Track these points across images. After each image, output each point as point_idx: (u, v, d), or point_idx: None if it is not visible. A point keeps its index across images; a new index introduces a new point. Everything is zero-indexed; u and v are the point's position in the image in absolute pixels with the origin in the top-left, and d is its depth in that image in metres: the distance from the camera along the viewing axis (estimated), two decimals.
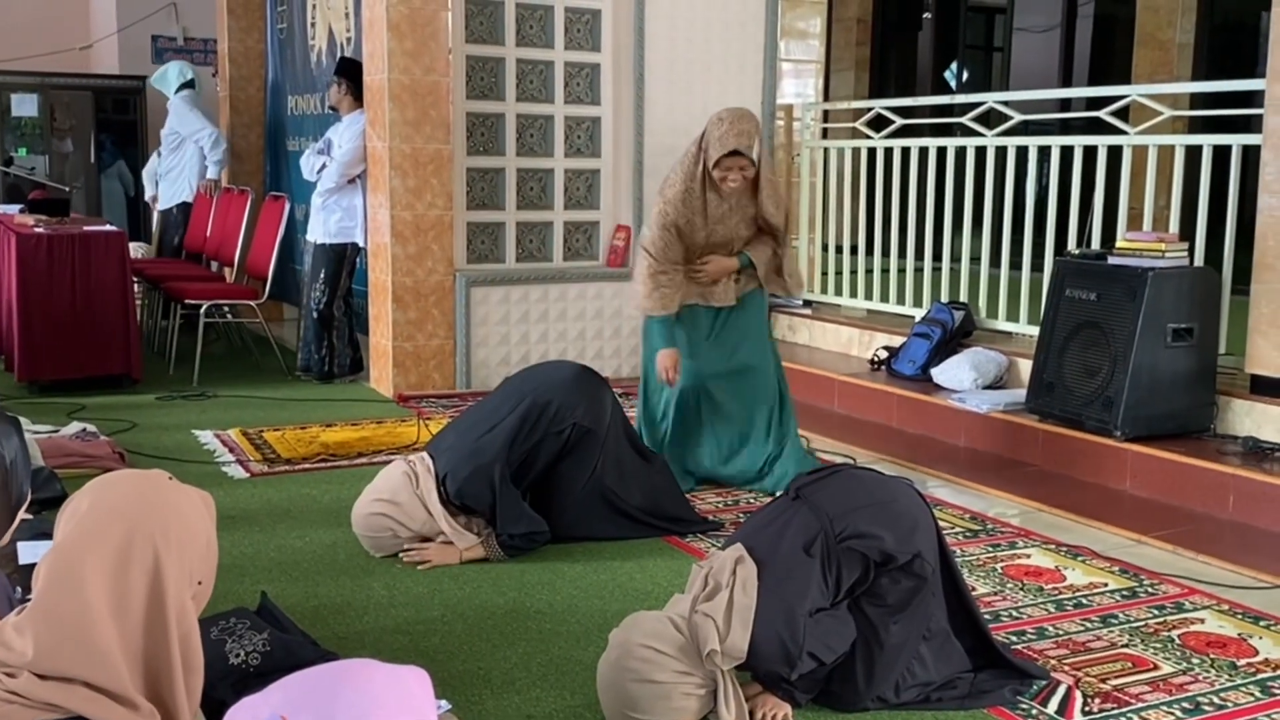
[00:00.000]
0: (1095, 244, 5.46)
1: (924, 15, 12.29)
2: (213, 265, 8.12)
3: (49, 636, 1.83)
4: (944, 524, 3.89)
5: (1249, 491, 4.21)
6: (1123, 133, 5.40)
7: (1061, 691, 2.86)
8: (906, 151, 6.54)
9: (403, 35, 6.00)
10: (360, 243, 6.50)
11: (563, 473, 3.89)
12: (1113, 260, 4.81)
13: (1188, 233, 5.03)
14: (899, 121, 6.69)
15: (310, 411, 5.83)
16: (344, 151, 6.41)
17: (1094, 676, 2.96)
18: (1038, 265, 5.73)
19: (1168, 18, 9.77)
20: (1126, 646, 3.16)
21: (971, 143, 6.14)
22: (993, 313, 6.11)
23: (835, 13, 11.39)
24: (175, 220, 8.68)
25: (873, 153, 6.82)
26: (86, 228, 6.40)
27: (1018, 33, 11.40)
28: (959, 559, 3.43)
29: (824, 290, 7.17)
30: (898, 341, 6.15)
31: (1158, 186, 5.38)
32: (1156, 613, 3.41)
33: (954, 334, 5.88)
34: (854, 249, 7.17)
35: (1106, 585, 3.62)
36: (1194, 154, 5.11)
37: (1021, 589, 3.59)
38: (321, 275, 6.47)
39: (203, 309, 6.64)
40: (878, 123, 6.87)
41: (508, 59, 6.43)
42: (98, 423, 5.23)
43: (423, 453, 3.85)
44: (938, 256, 6.45)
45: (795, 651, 2.55)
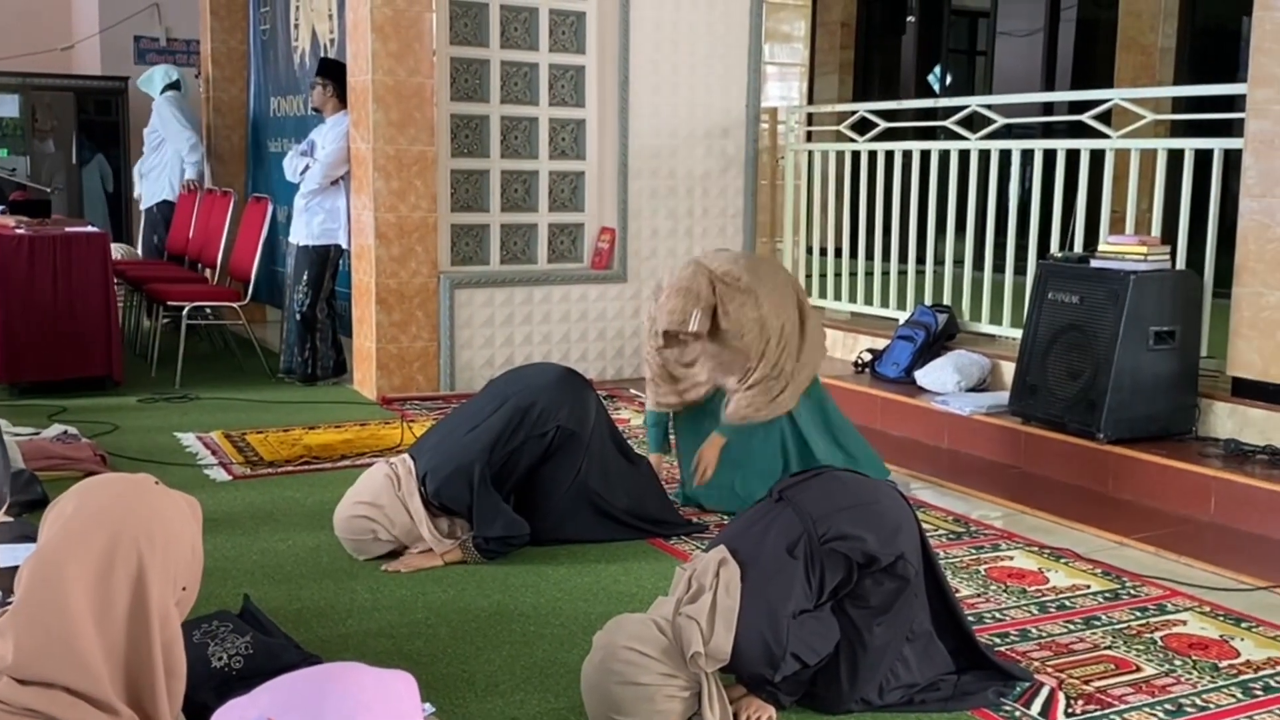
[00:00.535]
0: (1078, 247, 5.49)
1: (908, 19, 12.32)
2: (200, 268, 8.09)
3: (30, 641, 1.82)
4: (927, 526, 3.90)
5: (1231, 494, 4.23)
6: (1105, 136, 5.42)
7: (1044, 693, 2.87)
8: (890, 155, 6.56)
9: (387, 37, 5.98)
10: (343, 244, 6.49)
11: (546, 475, 3.89)
12: (1095, 263, 4.83)
13: (1170, 236, 5.05)
14: (883, 125, 6.70)
15: (293, 414, 5.81)
16: (327, 153, 6.39)
17: (1077, 678, 2.97)
18: (1021, 268, 5.76)
19: (1150, 22, 9.83)
20: (1109, 648, 3.17)
21: (955, 146, 6.16)
22: (976, 315, 6.13)
23: (819, 16, 11.42)
24: (156, 219, 8.71)
25: (857, 156, 6.84)
26: (68, 229, 6.36)
27: (1001, 37, 11.44)
28: (942, 561, 3.44)
29: (808, 293, 7.16)
30: (882, 344, 6.16)
31: (1140, 190, 5.41)
32: (1139, 615, 3.42)
33: (937, 337, 5.90)
34: (838, 252, 7.19)
35: (1089, 587, 3.64)
36: (1176, 158, 5.14)
37: (1004, 591, 3.60)
38: (304, 277, 6.45)
39: (185, 311, 6.61)
40: (861, 126, 6.88)
41: (492, 61, 6.42)
42: (79, 425, 5.20)
43: (404, 454, 3.85)
44: (921, 259, 6.47)
45: (779, 653, 2.55)
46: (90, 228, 6.58)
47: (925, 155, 6.37)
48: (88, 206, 11.97)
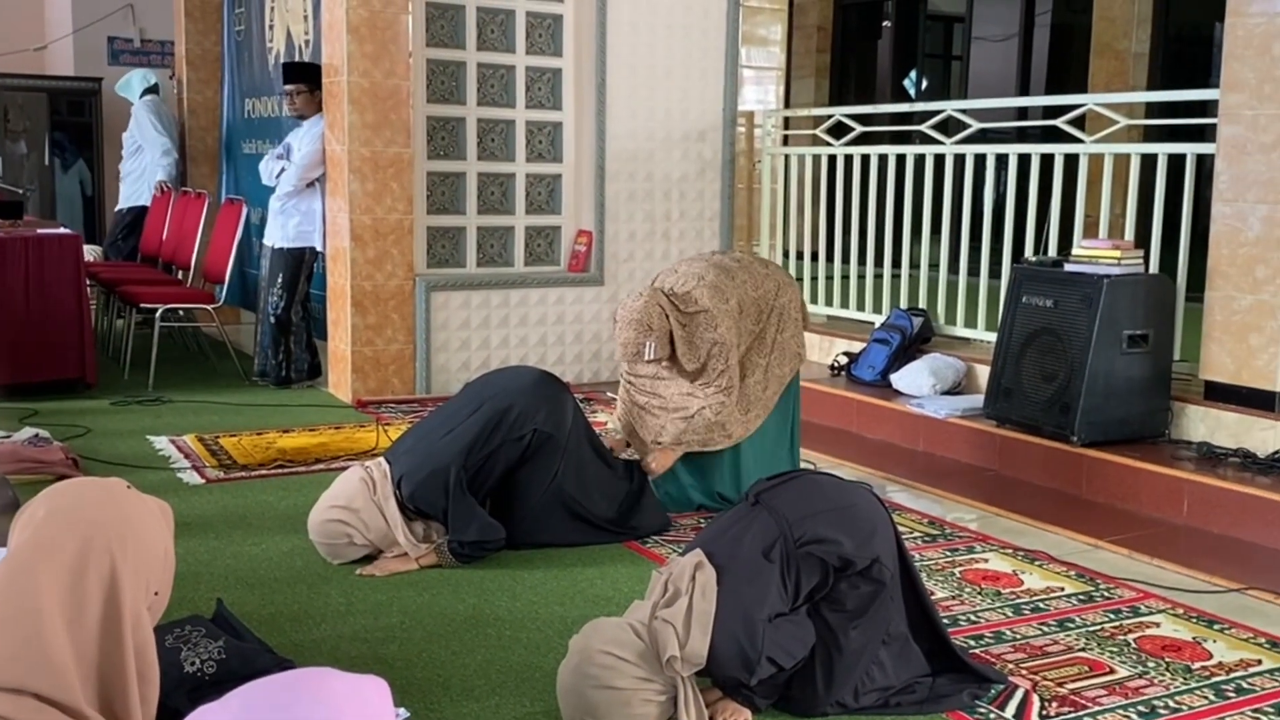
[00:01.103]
0: (1052, 251, 5.51)
1: (884, 24, 12.37)
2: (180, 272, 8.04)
3: (0, 647, 1.80)
4: (903, 529, 3.91)
5: (1203, 496, 4.26)
6: (1079, 141, 5.45)
7: (1019, 695, 2.88)
8: (866, 159, 6.58)
9: (363, 38, 5.96)
10: (319, 247, 6.46)
11: (523, 479, 3.88)
12: (1069, 267, 4.86)
13: (1143, 240, 5.09)
14: (859, 129, 6.72)
15: (267, 417, 5.78)
16: (302, 155, 6.36)
17: (1051, 680, 2.98)
18: (995, 272, 5.78)
19: (1124, 28, 9.90)
20: (1083, 650, 3.18)
21: (930, 150, 6.19)
22: (951, 319, 6.16)
23: (796, 20, 11.45)
24: (127, 222, 8.68)
25: (833, 160, 6.85)
26: (40, 230, 6.31)
27: (976, 41, 11.50)
28: (917, 563, 3.45)
29: None
30: (857, 347, 6.18)
31: (1113, 194, 5.44)
32: (1112, 617, 3.44)
33: (913, 340, 5.92)
34: (814, 255, 7.20)
35: (1063, 589, 3.65)
36: (1149, 162, 5.17)
37: (979, 593, 3.61)
38: (279, 280, 6.42)
39: (158, 313, 6.57)
40: (838, 130, 6.90)
41: (469, 63, 6.41)
42: (51, 428, 5.16)
43: (380, 458, 3.83)
44: (897, 263, 6.49)
45: (754, 657, 2.55)
46: (63, 229, 6.53)
47: (901, 159, 6.39)
48: (65, 209, 11.88)
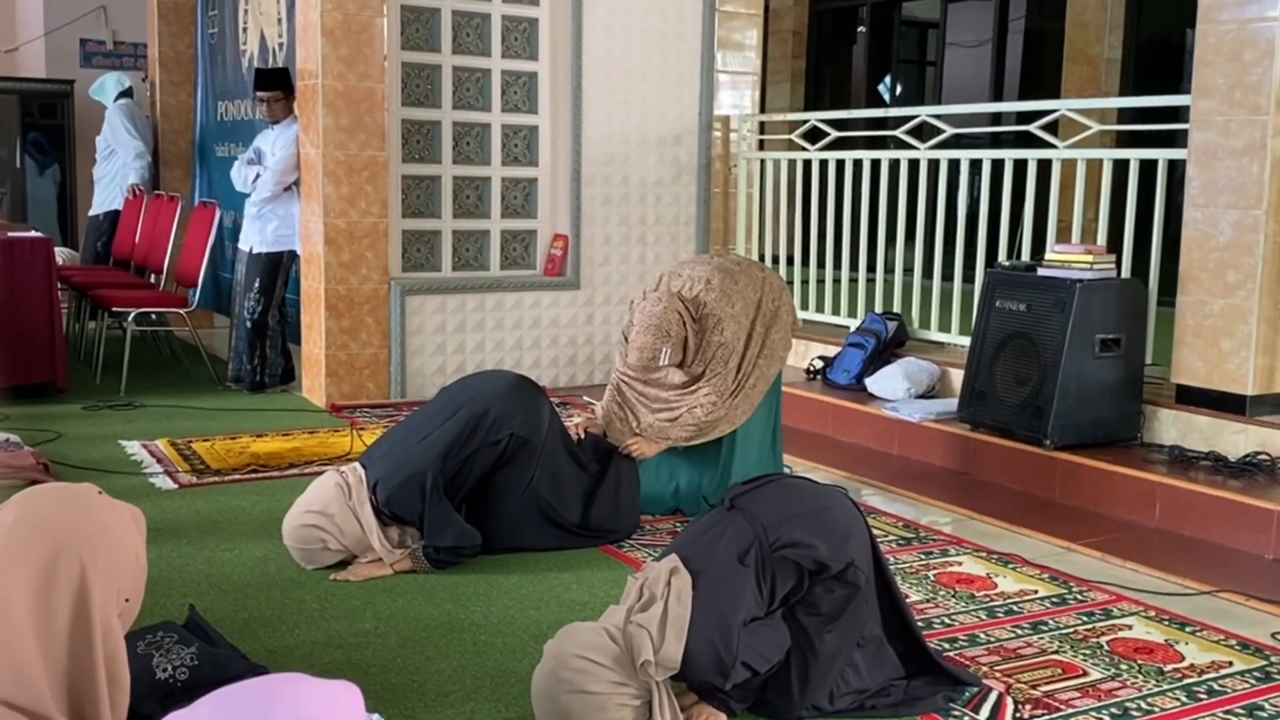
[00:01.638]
0: (1025, 256, 5.55)
1: (858, 29, 12.42)
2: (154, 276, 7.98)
3: None
4: (877, 532, 3.91)
5: (1175, 499, 4.29)
6: (1052, 147, 5.49)
7: (993, 698, 2.89)
8: (841, 164, 6.60)
9: (337, 41, 5.94)
10: (298, 250, 6.42)
11: (499, 483, 3.87)
12: (1042, 272, 4.89)
13: (1115, 245, 5.13)
14: (834, 134, 6.75)
15: (240, 421, 5.75)
16: (278, 160, 6.33)
17: (1025, 683, 2.99)
18: (969, 276, 5.81)
19: (1096, 34, 9.97)
20: (1056, 653, 3.20)
21: (905, 155, 6.22)
22: (925, 323, 6.19)
23: (771, 25, 11.48)
24: (103, 226, 8.62)
25: (808, 164, 6.88)
26: (11, 233, 6.26)
27: (950, 47, 11.56)
28: (892, 566, 3.46)
29: None
30: (833, 351, 6.19)
31: (1086, 199, 5.48)
32: (1085, 619, 3.46)
33: (888, 344, 5.94)
34: (790, 259, 7.23)
35: (1036, 592, 3.67)
36: (1121, 168, 5.21)
37: (953, 596, 3.62)
38: (257, 284, 6.38)
39: (130, 317, 6.52)
40: (813, 135, 6.93)
41: (444, 66, 6.40)
42: (21, 433, 5.11)
43: (355, 463, 3.81)
44: (872, 267, 6.52)
45: (729, 662, 2.55)
46: (34, 233, 6.48)
47: (875, 164, 6.42)
48: (37, 212, 11.77)
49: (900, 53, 12.57)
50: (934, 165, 6.04)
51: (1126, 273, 5.03)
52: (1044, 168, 5.54)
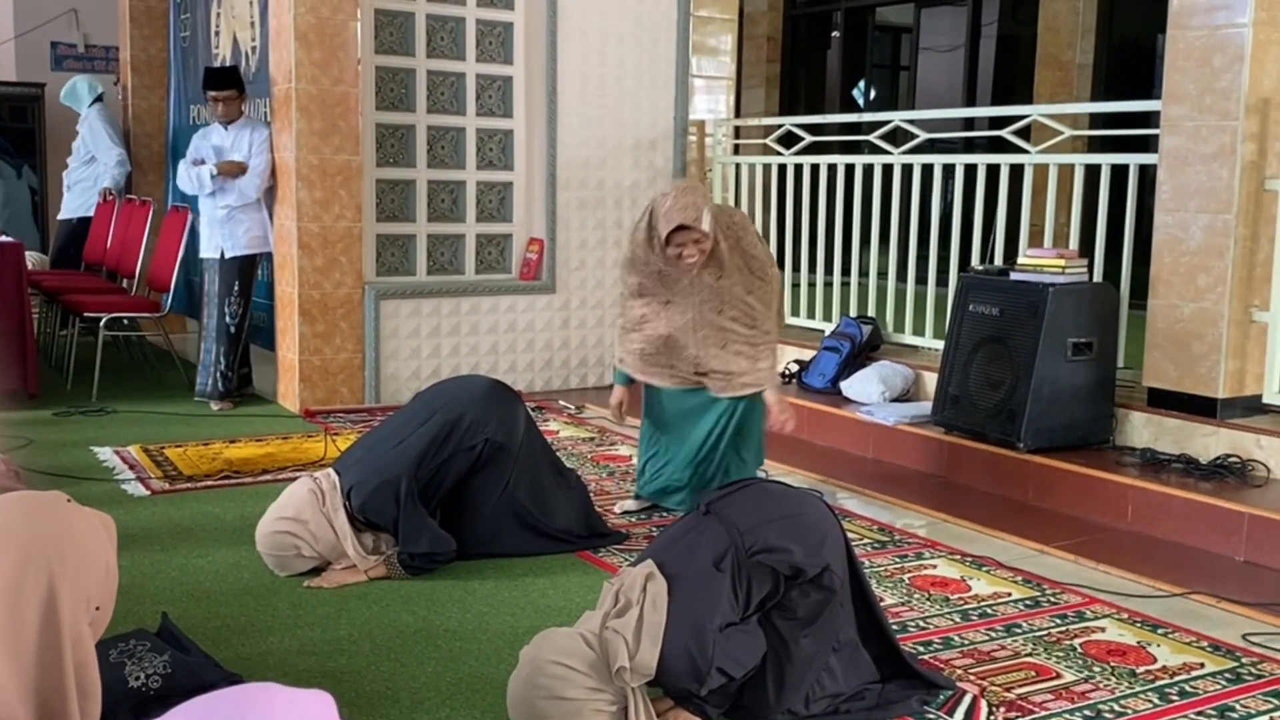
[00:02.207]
0: (998, 260, 5.58)
1: (832, 34, 12.47)
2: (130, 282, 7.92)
3: None
4: (852, 535, 3.92)
5: (1147, 501, 4.32)
6: (1025, 151, 5.52)
7: (967, 701, 2.90)
8: (816, 168, 6.62)
9: (311, 45, 5.92)
10: (272, 252, 6.35)
11: (474, 488, 3.86)
12: (1015, 276, 4.92)
13: (1087, 249, 5.16)
14: (808, 139, 6.77)
15: (213, 427, 5.71)
16: (262, 162, 6.12)
17: (999, 685, 3.01)
18: (943, 280, 5.84)
19: (1068, 39, 10.04)
20: (1030, 655, 3.22)
21: (879, 160, 6.24)
22: (900, 327, 6.21)
23: (746, 30, 11.51)
24: (77, 231, 8.54)
25: (783, 169, 6.90)
26: None
27: (923, 52, 11.62)
28: (867, 570, 3.46)
29: None
30: (808, 355, 6.21)
31: (1058, 204, 5.51)
32: (1059, 622, 3.48)
33: (862, 348, 5.96)
34: None
35: (1010, 595, 3.69)
36: (1093, 173, 5.25)
37: (928, 599, 3.63)
38: (236, 288, 6.20)
39: (102, 322, 6.47)
40: (788, 139, 6.94)
41: (418, 70, 6.39)
42: None
43: (328, 469, 3.80)
44: (846, 271, 6.54)
45: (704, 667, 2.55)
46: (4, 237, 6.42)
47: (850, 169, 6.44)
48: (13, 216, 11.66)
49: (874, 58, 12.62)
50: (908, 170, 6.07)
51: (1098, 277, 5.06)
52: (1017, 172, 5.58)
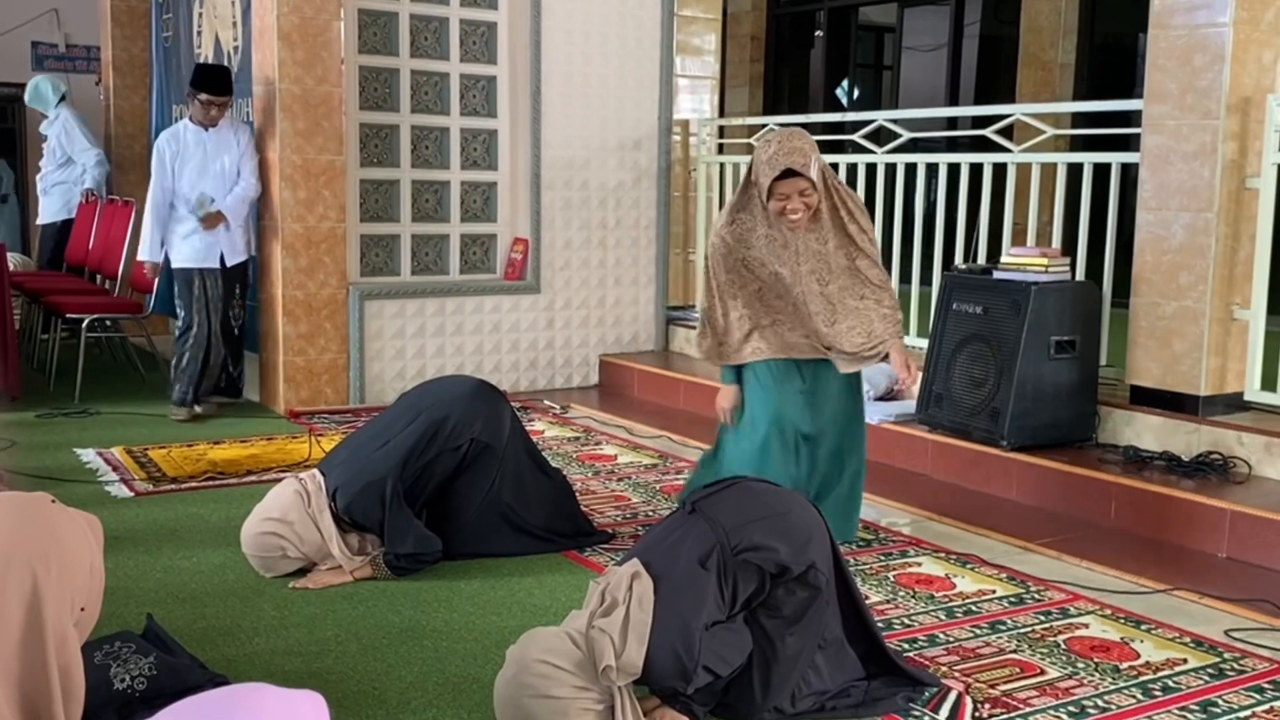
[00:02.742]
0: (981, 259, 5.60)
1: (816, 33, 12.49)
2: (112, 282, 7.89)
3: None
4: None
5: (1130, 499, 4.34)
6: (1007, 150, 5.54)
7: (952, 698, 2.92)
8: None
9: (294, 45, 5.91)
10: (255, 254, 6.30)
11: (460, 489, 3.86)
12: (998, 275, 4.93)
13: (1070, 248, 5.18)
14: None
15: (197, 429, 5.69)
16: (254, 165, 5.99)
17: (983, 682, 3.02)
18: (926, 279, 5.86)
19: (1050, 39, 10.08)
20: (1014, 652, 3.23)
21: (862, 159, 6.26)
22: None
23: (730, 30, 11.53)
24: (57, 235, 8.48)
25: None
26: None
27: (906, 52, 11.65)
28: (852, 568, 3.48)
29: None
30: None
31: (1041, 203, 5.53)
32: (1043, 618, 3.49)
33: None
34: None
35: (995, 592, 3.70)
36: (1075, 171, 5.27)
37: (913, 597, 3.65)
38: (237, 291, 6.06)
39: (84, 323, 6.44)
40: None
41: (402, 70, 6.38)
42: None
43: (314, 470, 3.79)
44: None
45: (690, 666, 2.56)
46: None
47: (834, 168, 6.43)
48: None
49: (857, 57, 12.65)
50: (891, 169, 6.09)
51: (1081, 275, 5.08)
52: (999, 171, 5.60)
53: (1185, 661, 3.19)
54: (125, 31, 8.69)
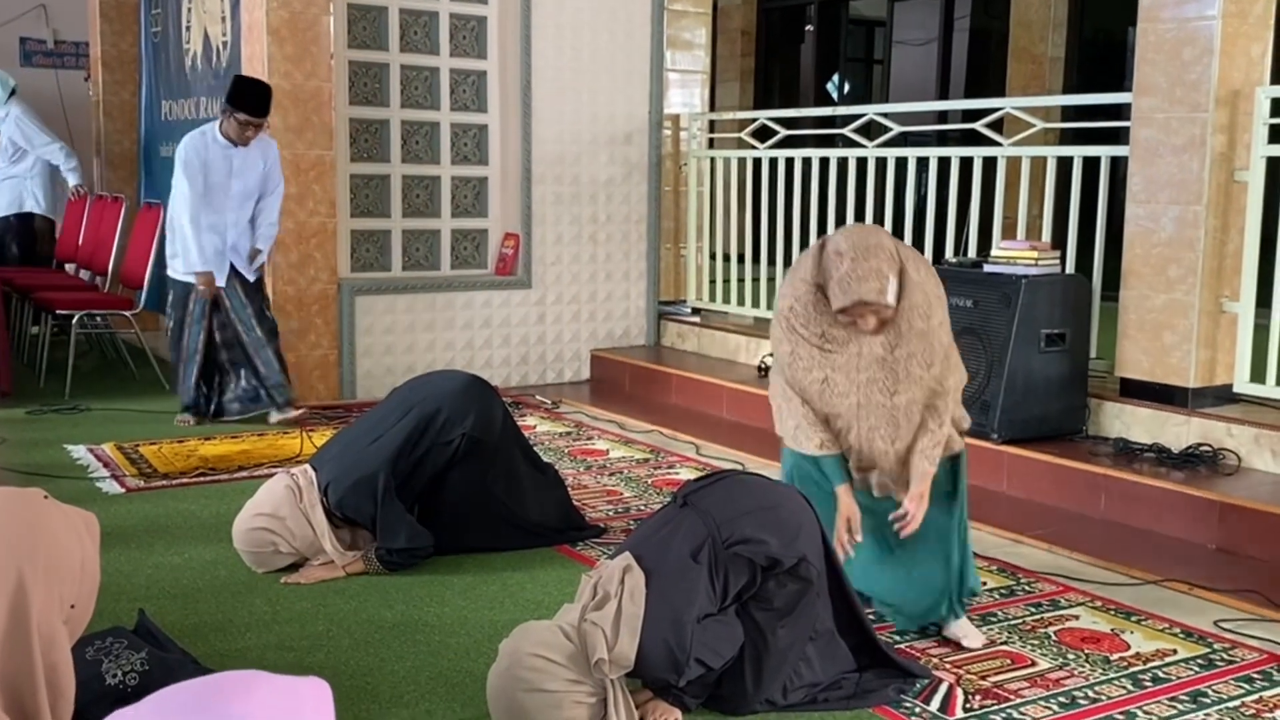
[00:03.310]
0: (971, 252, 5.61)
1: (806, 28, 12.49)
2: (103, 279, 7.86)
3: None
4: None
5: (1120, 491, 4.35)
6: (997, 144, 5.55)
7: (943, 689, 2.92)
8: (790, 162, 6.63)
9: (283, 40, 5.89)
10: None
11: (452, 483, 3.86)
12: (988, 268, 4.94)
13: (1060, 241, 5.19)
14: (783, 132, 6.78)
15: (189, 426, 5.68)
16: (282, 183, 5.71)
17: (974, 674, 3.03)
18: None
19: (1040, 32, 10.08)
20: (1005, 644, 3.24)
21: (853, 154, 6.26)
22: None
23: (720, 24, 11.51)
24: (14, 229, 8.40)
25: (758, 163, 6.90)
26: None
27: (897, 45, 11.65)
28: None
29: (711, 298, 7.23)
30: None
31: (1031, 196, 5.54)
32: (1033, 610, 3.50)
33: None
34: (740, 257, 7.25)
35: (985, 584, 3.71)
36: (1065, 165, 5.28)
37: None
38: (259, 297, 5.73)
39: (75, 319, 6.42)
40: (762, 133, 6.95)
41: (392, 65, 6.37)
42: None
43: (305, 465, 3.79)
44: None
45: (682, 659, 2.56)
46: None
47: (825, 162, 6.45)
48: None
49: (848, 51, 12.65)
50: (881, 163, 6.09)
51: (1071, 268, 5.09)
52: (989, 165, 5.60)
53: (1175, 652, 3.21)
54: (114, 27, 8.65)
